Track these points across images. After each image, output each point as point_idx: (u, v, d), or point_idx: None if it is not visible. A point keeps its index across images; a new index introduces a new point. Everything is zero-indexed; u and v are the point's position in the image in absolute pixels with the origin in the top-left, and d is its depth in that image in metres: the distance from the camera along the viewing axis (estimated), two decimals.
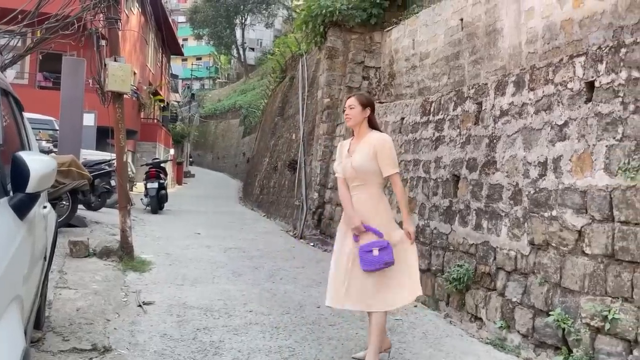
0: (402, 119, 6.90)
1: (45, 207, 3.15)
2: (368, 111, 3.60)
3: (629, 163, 3.31)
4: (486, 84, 5.16)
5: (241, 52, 49.32)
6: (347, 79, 9.70)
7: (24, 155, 2.09)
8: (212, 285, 5.52)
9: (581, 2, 5.04)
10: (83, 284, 4.90)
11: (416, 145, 6.34)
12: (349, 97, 3.69)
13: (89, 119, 11.38)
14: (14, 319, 1.67)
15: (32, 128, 4.17)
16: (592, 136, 3.66)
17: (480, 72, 6.55)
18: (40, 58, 15.93)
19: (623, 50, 3.50)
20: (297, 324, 4.32)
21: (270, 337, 3.95)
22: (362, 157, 3.48)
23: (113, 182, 9.12)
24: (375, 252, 3.31)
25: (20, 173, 2.04)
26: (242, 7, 44.39)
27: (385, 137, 3.58)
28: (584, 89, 3.82)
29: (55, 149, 9.25)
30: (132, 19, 21.30)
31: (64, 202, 7.34)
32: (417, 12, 8.43)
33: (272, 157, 16.78)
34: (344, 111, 3.69)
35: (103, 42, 7.78)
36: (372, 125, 3.65)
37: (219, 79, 57.86)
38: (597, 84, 3.69)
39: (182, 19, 52.03)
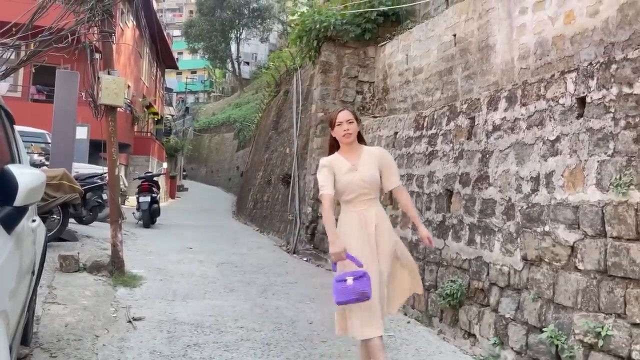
0: (396, 133, 6.92)
1: (34, 220, 3.11)
2: (359, 126, 3.52)
3: (620, 178, 3.32)
4: (479, 99, 5.19)
5: (236, 66, 49.51)
6: (341, 93, 9.73)
7: (12, 168, 2.07)
8: (203, 300, 5.46)
9: (572, 18, 5.09)
10: (72, 299, 4.83)
11: (409, 159, 6.35)
12: (341, 111, 3.45)
13: (81, 132, 11.34)
14: None
15: (24, 141, 4.14)
16: (583, 151, 3.67)
17: (473, 87, 6.58)
18: (34, 71, 15.94)
19: (614, 66, 3.53)
20: (289, 340, 4.27)
21: (261, 353, 3.90)
22: (371, 169, 3.36)
23: (105, 196, 9.08)
24: (350, 281, 3.04)
25: (8, 186, 2.02)
26: (237, 21, 44.64)
27: (385, 150, 3.66)
28: (576, 105, 3.83)
29: (47, 162, 9.20)
30: (127, 32, 21.38)
31: (55, 216, 7.27)
32: (411, 28, 8.49)
33: (265, 171, 16.76)
34: (338, 125, 3.38)
35: (97, 56, 7.78)
36: (361, 139, 3.55)
37: (214, 92, 57.99)
38: (588, 100, 3.71)
39: (177, 32, 52.28)
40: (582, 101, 3.78)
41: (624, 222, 3.27)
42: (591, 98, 3.68)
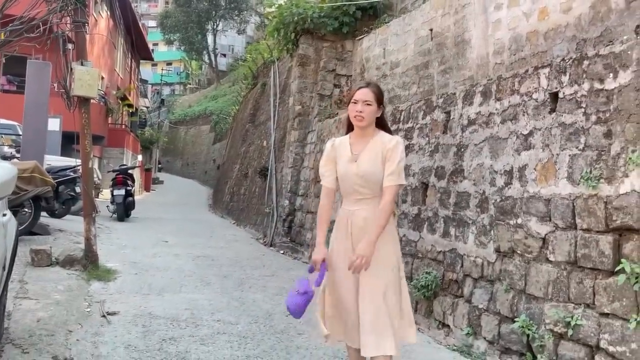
0: None
1: (4, 214, 3.05)
2: (381, 110, 2.91)
3: (590, 172, 3.39)
4: (454, 93, 5.24)
5: (212, 58, 49.01)
6: (319, 86, 9.72)
7: None
8: (179, 294, 5.42)
9: (546, 14, 5.17)
10: (44, 294, 4.74)
11: None
12: (361, 88, 2.87)
13: (54, 124, 11.11)
14: None
15: None
16: (555, 146, 3.74)
17: (449, 82, 6.64)
18: (4, 61, 15.54)
19: (585, 62, 3.60)
20: (266, 333, 4.27)
21: (238, 346, 3.89)
22: (371, 164, 2.80)
23: (78, 189, 8.92)
24: (296, 291, 2.81)
25: None
26: (213, 12, 44.15)
27: (398, 140, 2.87)
28: (549, 100, 3.90)
29: (17, 155, 9.01)
30: (101, 22, 20.96)
31: (26, 209, 7.12)
32: (388, 22, 8.52)
33: (242, 164, 16.67)
34: (353, 102, 2.84)
35: (70, 46, 7.62)
36: (381, 124, 2.95)
37: (190, 84, 57.35)
38: (560, 95, 3.78)
39: (152, 23, 51.46)
40: (554, 96, 3.85)
41: (593, 214, 3.35)
42: (563, 93, 3.75)
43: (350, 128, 2.97)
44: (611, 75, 3.36)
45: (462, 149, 4.86)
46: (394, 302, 2.76)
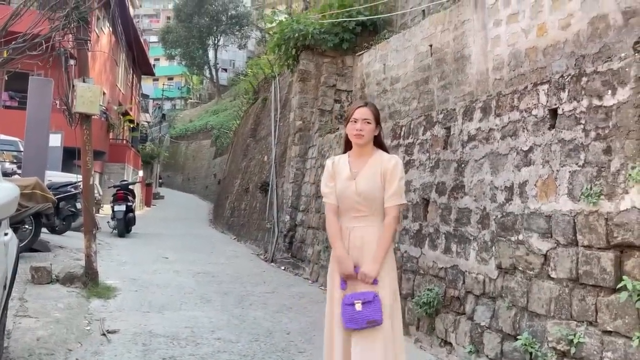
0: None
1: (6, 234, 3.04)
2: (379, 129, 2.98)
3: (591, 189, 3.39)
4: (454, 109, 5.26)
5: (214, 72, 49.29)
6: (320, 101, 9.76)
7: None
8: (179, 312, 5.40)
9: (545, 31, 5.20)
10: (44, 312, 4.73)
11: None
12: (360, 107, 2.93)
13: (55, 140, 11.13)
14: None
15: None
16: (555, 162, 3.75)
17: (449, 97, 6.67)
18: (6, 77, 15.63)
19: (584, 79, 3.61)
20: (267, 351, 4.24)
21: None
22: (370, 182, 2.84)
23: (79, 205, 8.91)
24: (358, 306, 2.68)
25: None
26: (215, 28, 44.51)
27: (397, 160, 2.93)
28: (548, 116, 3.91)
29: (19, 171, 9.02)
30: (103, 38, 21.12)
31: (27, 226, 7.11)
32: (388, 38, 8.58)
33: (243, 179, 16.68)
34: (352, 121, 2.91)
35: (72, 62, 7.67)
36: (379, 143, 3.01)
37: (191, 99, 57.59)
38: (560, 111, 3.79)
39: (154, 38, 51.86)
40: (554, 112, 3.86)
41: (594, 231, 3.34)
42: (563, 110, 3.76)
43: (348, 147, 3.02)
44: (609, 91, 3.38)
45: (463, 165, 4.86)
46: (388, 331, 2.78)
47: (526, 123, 4.12)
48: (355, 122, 2.89)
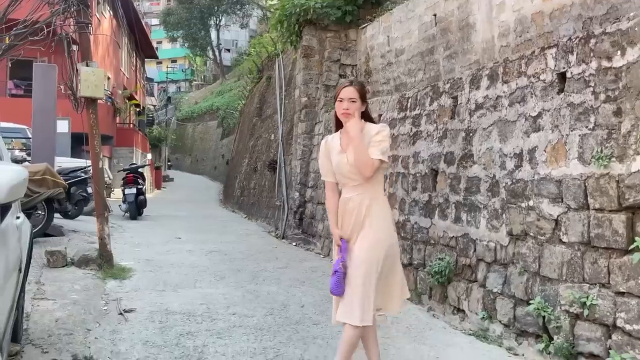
0: (380, 115, 6.92)
1: (18, 217, 3.08)
2: (365, 105, 3.14)
3: (601, 151, 3.36)
4: (461, 78, 5.21)
5: (217, 53, 49.00)
6: (324, 77, 9.69)
7: None
8: (194, 289, 5.47)
9: None
10: (62, 294, 4.81)
11: (394, 141, 6.36)
12: (345, 87, 3.12)
13: (62, 126, 11.18)
14: None
15: (4, 137, 4.09)
16: (565, 126, 3.72)
17: (455, 67, 6.59)
18: (10, 65, 15.65)
19: (592, 40, 3.56)
20: (282, 324, 4.30)
21: (254, 339, 3.93)
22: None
23: (90, 189, 8.99)
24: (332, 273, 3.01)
25: None
26: (216, 8, 44.07)
27: (383, 125, 3.16)
28: (556, 80, 3.87)
29: (28, 158, 9.08)
30: (104, 22, 21.01)
31: (40, 212, 7.20)
32: (391, 9, 8.45)
33: (251, 158, 16.70)
34: (339, 101, 3.09)
35: (74, 47, 7.65)
36: (367, 117, 3.16)
37: (195, 81, 57.42)
38: (568, 75, 3.74)
39: (155, 21, 51.49)
40: (562, 76, 3.81)
41: (605, 194, 3.33)
42: (571, 73, 3.71)
43: (339, 125, 3.19)
44: (619, 52, 3.33)
45: (471, 134, 4.83)
46: (374, 278, 2.92)
47: (534, 88, 4.08)
48: (342, 101, 3.08)
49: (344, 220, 3.06)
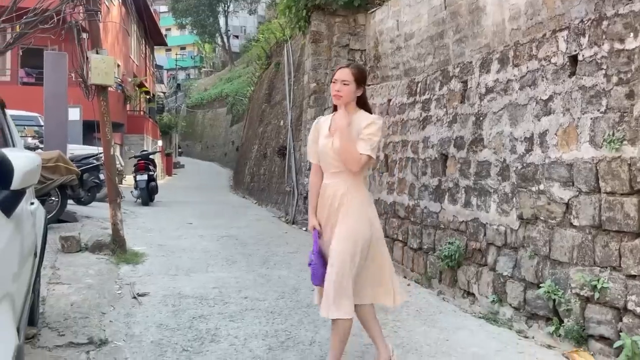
0: (389, 100, 6.90)
1: (32, 203, 3.13)
2: (361, 90, 3.01)
3: (613, 134, 3.34)
4: (471, 62, 5.17)
5: (225, 40, 48.86)
6: (333, 62, 9.64)
7: (6, 152, 2.06)
8: (206, 274, 5.54)
9: None
10: (76, 278, 4.89)
11: (404, 126, 6.35)
12: (341, 68, 3.00)
13: (74, 114, 11.26)
14: (5, 316, 1.66)
15: (17, 125, 4.13)
16: (576, 110, 3.69)
17: (465, 51, 6.54)
18: (21, 54, 15.74)
19: (605, 22, 3.52)
20: (293, 307, 4.35)
21: (266, 322, 3.98)
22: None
23: (102, 176, 9.08)
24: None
25: (3, 170, 2.01)
26: None
27: (375, 117, 3.01)
28: (568, 63, 3.83)
29: (41, 145, 9.18)
30: (113, 10, 21.00)
31: (53, 198, 7.30)
32: None
33: (261, 144, 16.73)
34: (333, 82, 3.00)
35: (84, 35, 7.68)
36: (362, 103, 3.05)
37: (204, 68, 57.38)
38: (580, 58, 3.71)
39: (164, 8, 51.38)
40: (574, 59, 3.78)
41: (617, 177, 3.31)
42: (583, 56, 3.68)
43: (335, 107, 3.09)
44: (631, 34, 3.29)
45: (481, 118, 4.81)
46: (349, 268, 2.81)
47: (545, 72, 4.05)
48: (335, 82, 2.98)
49: (320, 206, 3.00)
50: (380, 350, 3.06)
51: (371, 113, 3.08)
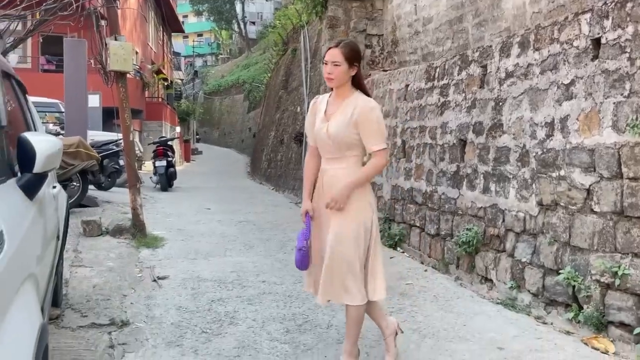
0: (407, 86, 6.85)
1: (54, 187, 3.19)
2: (355, 69, 2.82)
3: (637, 119, 3.28)
4: (490, 46, 5.10)
5: (242, 26, 48.82)
6: (348, 38, 9.59)
7: (29, 136, 2.09)
8: (224, 258, 5.60)
9: None
10: (98, 261, 4.99)
11: (421, 111, 6.31)
12: (330, 48, 2.80)
13: (93, 100, 11.40)
14: (29, 296, 1.70)
15: (38, 111, 4.19)
16: (599, 94, 3.62)
17: (485, 35, 6.45)
18: (41, 41, 15.89)
19: (629, 4, 3.43)
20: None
21: (283, 305, 4.02)
22: (340, 125, 2.77)
23: (121, 162, 9.20)
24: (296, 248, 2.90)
25: (26, 154, 2.05)
26: None
27: (372, 105, 2.82)
28: (590, 47, 3.76)
29: (62, 132, 9.31)
30: None
31: (75, 183, 7.43)
32: None
33: (277, 130, 16.75)
34: (324, 64, 2.83)
35: (103, 22, 7.74)
36: (358, 84, 2.88)
37: (221, 54, 57.45)
38: (603, 41, 3.63)
39: None
40: (597, 42, 3.70)
41: None
42: (606, 39, 3.60)
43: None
44: None
45: (501, 103, 4.75)
46: (349, 256, 2.75)
47: (567, 55, 3.97)
48: (326, 64, 2.81)
49: (318, 191, 2.90)
50: (384, 330, 3.00)
51: (368, 93, 2.92)
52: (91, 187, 8.51)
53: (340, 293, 2.78)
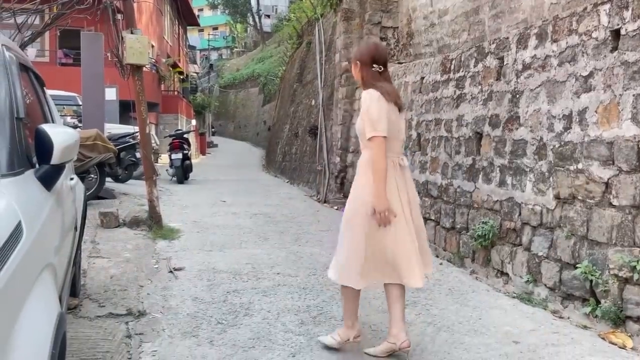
0: (422, 78, 6.80)
1: (72, 179, 3.22)
2: (358, 67, 3.09)
3: None
4: (507, 38, 5.04)
5: (257, 19, 48.81)
6: (365, 40, 9.53)
7: (46, 127, 2.11)
8: (239, 250, 5.63)
9: None
10: (115, 252, 5.05)
11: (437, 104, 6.26)
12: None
13: (110, 94, 11.50)
14: (47, 285, 1.72)
15: (56, 104, 4.25)
16: (618, 86, 3.57)
17: (501, 27, 6.37)
18: (59, 34, 16.08)
19: None
20: (324, 284, 4.39)
21: (298, 297, 4.04)
22: (358, 120, 3.10)
23: (138, 155, 9.28)
24: None
25: (44, 145, 2.06)
26: None
27: (365, 95, 3.00)
28: (610, 38, 3.69)
29: (80, 124, 9.42)
30: None
31: (92, 176, 7.52)
32: None
33: (292, 124, 16.75)
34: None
35: (119, 16, 7.80)
36: (361, 79, 3.12)
37: (236, 48, 57.52)
38: (623, 32, 3.57)
39: None
40: (616, 34, 3.64)
41: None
42: (626, 30, 3.54)
43: (364, 84, 3.17)
44: None
45: (517, 96, 4.70)
46: (359, 238, 3.00)
47: (586, 47, 3.91)
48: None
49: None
50: (391, 334, 2.95)
51: (373, 86, 3.02)
52: (108, 179, 8.61)
53: (340, 272, 3.06)
